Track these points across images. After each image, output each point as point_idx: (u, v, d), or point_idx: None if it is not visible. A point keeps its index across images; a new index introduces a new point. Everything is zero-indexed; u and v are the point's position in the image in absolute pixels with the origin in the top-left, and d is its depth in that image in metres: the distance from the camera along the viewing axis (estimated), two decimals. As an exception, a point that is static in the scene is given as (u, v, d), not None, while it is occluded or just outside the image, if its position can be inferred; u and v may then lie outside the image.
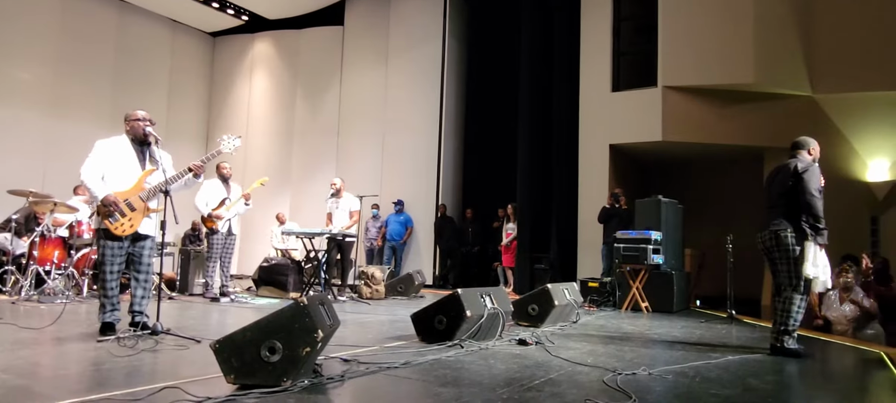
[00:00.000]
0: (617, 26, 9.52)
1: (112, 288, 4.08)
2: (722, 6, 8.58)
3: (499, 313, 4.40)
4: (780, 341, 4.10)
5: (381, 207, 11.24)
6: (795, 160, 4.25)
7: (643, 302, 7.16)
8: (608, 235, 8.37)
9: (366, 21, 12.33)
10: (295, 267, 8.12)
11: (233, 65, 13.78)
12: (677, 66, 8.76)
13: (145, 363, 3.26)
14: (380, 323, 5.41)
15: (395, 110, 11.81)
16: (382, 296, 7.83)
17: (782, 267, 4.13)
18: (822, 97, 8.52)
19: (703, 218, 9.68)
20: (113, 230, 3.99)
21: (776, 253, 4.17)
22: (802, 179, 4.08)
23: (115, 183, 4.07)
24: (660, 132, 8.74)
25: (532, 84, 10.22)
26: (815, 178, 4.09)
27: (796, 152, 4.33)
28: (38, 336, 3.99)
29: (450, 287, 10.65)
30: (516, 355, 3.80)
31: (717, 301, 7.95)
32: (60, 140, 10.58)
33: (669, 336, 5.12)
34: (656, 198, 7.77)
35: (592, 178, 9.36)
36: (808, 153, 4.32)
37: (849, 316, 5.70)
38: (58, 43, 10.91)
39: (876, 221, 8.90)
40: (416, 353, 3.68)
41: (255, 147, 13.08)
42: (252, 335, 2.67)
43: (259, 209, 10.86)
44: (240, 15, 12.83)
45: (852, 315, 5.68)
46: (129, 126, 4.19)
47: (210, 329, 4.69)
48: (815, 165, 4.20)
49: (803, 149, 4.33)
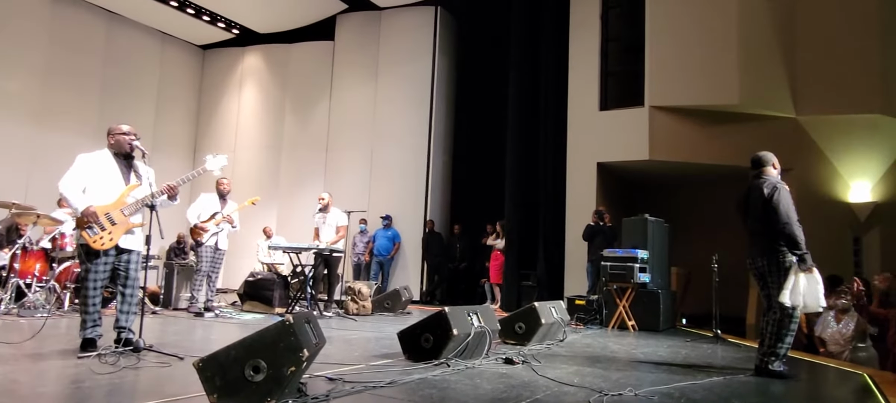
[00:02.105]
0: (604, 46, 9.64)
1: (94, 304, 4.02)
2: (708, 28, 8.73)
3: (486, 331, 4.39)
4: (765, 362, 4.08)
5: (369, 222, 11.21)
6: (761, 182, 4.17)
7: (630, 320, 7.18)
8: (593, 253, 8.41)
9: (356, 37, 12.38)
10: (281, 281, 8.06)
11: (222, 78, 13.75)
12: (664, 87, 8.88)
13: (127, 381, 3.21)
14: (366, 340, 5.37)
15: (384, 125, 11.84)
16: (369, 312, 7.78)
17: (775, 291, 4.04)
18: (805, 119, 8.66)
19: (690, 237, 9.75)
20: (91, 243, 3.93)
21: (770, 278, 4.10)
22: (774, 209, 3.99)
23: (98, 197, 4.02)
24: (647, 151, 8.83)
25: (520, 101, 10.30)
26: (784, 202, 4.00)
27: (761, 171, 4.25)
28: (17, 352, 3.92)
29: (437, 303, 10.61)
30: (503, 374, 3.79)
31: (703, 319, 7.99)
32: (45, 151, 10.46)
33: (655, 355, 5.13)
34: (643, 216, 7.83)
35: (580, 196, 9.41)
36: (773, 167, 4.25)
37: (845, 336, 5.74)
38: (46, 53, 10.82)
39: (858, 242, 9.02)
40: (401, 372, 3.66)
41: (244, 160, 13.02)
42: (236, 353, 2.64)
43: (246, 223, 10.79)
44: (230, 28, 12.83)
45: (848, 335, 5.72)
46: (113, 139, 4.15)
47: (194, 345, 4.63)
48: (783, 185, 4.12)
49: (766, 165, 4.25)
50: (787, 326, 4.01)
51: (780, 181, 4.18)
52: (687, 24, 8.86)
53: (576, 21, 9.90)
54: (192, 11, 11.91)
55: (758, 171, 4.28)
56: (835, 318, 5.87)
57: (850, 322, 5.75)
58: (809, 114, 8.64)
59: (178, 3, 11.58)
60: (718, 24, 8.65)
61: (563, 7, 10.01)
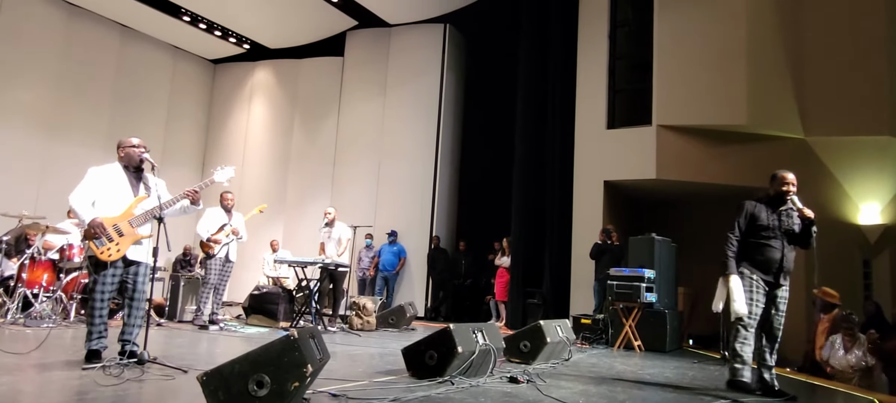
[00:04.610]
0: (612, 65, 9.66)
1: (100, 316, 4.03)
2: (715, 48, 8.73)
3: (490, 349, 4.36)
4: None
5: (375, 237, 11.21)
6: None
7: (636, 340, 7.11)
8: (600, 271, 8.36)
9: (365, 52, 12.48)
10: (286, 295, 8.06)
11: (232, 91, 13.88)
12: (671, 106, 8.87)
13: (130, 393, 3.20)
14: (370, 356, 5.35)
15: (392, 141, 11.88)
16: (373, 328, 7.76)
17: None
18: (813, 140, 8.62)
19: (697, 257, 9.67)
20: (98, 255, 3.95)
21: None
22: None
23: (107, 209, 4.04)
24: (654, 170, 8.81)
25: (528, 119, 10.32)
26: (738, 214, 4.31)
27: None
28: (22, 362, 3.93)
29: (441, 319, 10.57)
30: (507, 393, 3.76)
31: (710, 340, 7.91)
32: (55, 162, 10.57)
33: (662, 376, 5.08)
34: (650, 235, 7.79)
35: (586, 214, 9.38)
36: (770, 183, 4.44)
37: (853, 366, 5.67)
38: (59, 64, 10.96)
39: (868, 265, 8.92)
40: (405, 389, 3.63)
41: (252, 174, 13.09)
42: (240, 367, 2.64)
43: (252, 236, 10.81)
44: (241, 44, 12.97)
45: (856, 365, 5.65)
46: (123, 152, 4.19)
47: (198, 358, 4.62)
48: (747, 202, 4.36)
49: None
50: (733, 336, 4.20)
51: (750, 199, 4.41)
52: (695, 43, 8.87)
53: (584, 39, 9.93)
54: (204, 26, 12.06)
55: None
56: (843, 345, 5.80)
57: (858, 351, 5.68)
58: (818, 134, 8.60)
59: (191, 18, 11.73)
60: (726, 43, 8.66)
61: (571, 25, 10.06)
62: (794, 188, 4.31)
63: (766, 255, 4.21)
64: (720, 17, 8.73)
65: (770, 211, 4.29)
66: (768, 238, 4.22)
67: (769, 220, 4.25)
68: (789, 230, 4.25)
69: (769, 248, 4.21)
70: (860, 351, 5.63)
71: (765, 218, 4.26)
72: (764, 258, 4.21)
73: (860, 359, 5.61)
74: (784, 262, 4.21)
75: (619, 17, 9.77)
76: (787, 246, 4.24)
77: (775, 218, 4.26)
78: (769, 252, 4.21)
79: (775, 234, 4.22)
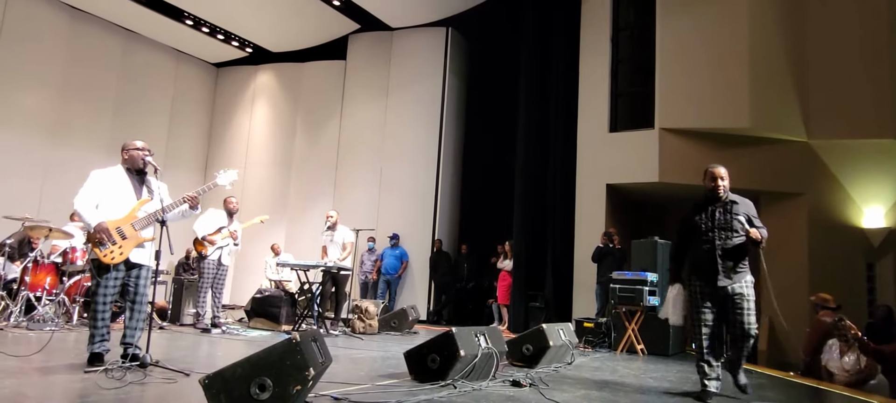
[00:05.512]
0: (615, 68, 9.65)
1: (103, 319, 4.03)
2: (718, 51, 8.72)
3: (493, 353, 4.35)
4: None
5: (377, 240, 11.21)
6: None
7: (639, 344, 7.09)
8: (602, 274, 8.34)
9: (368, 56, 12.51)
10: (288, 298, 8.06)
11: (235, 95, 13.91)
12: (674, 109, 8.86)
13: (133, 396, 3.20)
14: (372, 359, 5.34)
15: (394, 144, 11.89)
16: (375, 331, 7.75)
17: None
18: (816, 143, 8.60)
19: (700, 261, 9.65)
20: (102, 258, 3.96)
21: None
22: None
23: (110, 212, 4.05)
24: (656, 173, 8.79)
25: (530, 122, 10.32)
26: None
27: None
28: (25, 365, 3.93)
29: (444, 322, 10.56)
30: (510, 397, 3.74)
31: (713, 344, 7.86)
32: (59, 165, 10.60)
33: (665, 380, 5.06)
34: (653, 239, 7.77)
35: (589, 217, 9.36)
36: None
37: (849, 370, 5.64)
38: (63, 68, 11.00)
39: (872, 267, 8.88)
40: (407, 393, 3.62)
41: (254, 177, 13.11)
42: (242, 371, 2.64)
43: (254, 239, 10.85)
44: (244, 47, 13.00)
45: (853, 368, 5.63)
46: (127, 155, 4.20)
47: (200, 361, 4.62)
48: (687, 206, 4.36)
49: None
50: (696, 350, 4.28)
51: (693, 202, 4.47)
52: (697, 47, 8.86)
53: (586, 42, 9.94)
54: (206, 30, 12.10)
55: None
56: (839, 350, 5.79)
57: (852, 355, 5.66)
58: (821, 138, 8.58)
59: (194, 22, 11.76)
60: (729, 46, 8.65)
61: (573, 28, 10.07)
62: (723, 182, 4.19)
63: (703, 257, 4.12)
64: (722, 20, 8.73)
65: (703, 212, 4.21)
66: (703, 240, 4.13)
67: (703, 221, 4.17)
68: (725, 226, 4.09)
69: (704, 250, 4.12)
70: (855, 355, 5.62)
71: (698, 219, 4.20)
72: (701, 260, 4.13)
73: (855, 363, 5.60)
74: (723, 261, 4.04)
75: (621, 21, 9.77)
76: (729, 241, 4.06)
77: (708, 217, 4.16)
78: (705, 253, 4.12)
79: (709, 235, 4.11)
